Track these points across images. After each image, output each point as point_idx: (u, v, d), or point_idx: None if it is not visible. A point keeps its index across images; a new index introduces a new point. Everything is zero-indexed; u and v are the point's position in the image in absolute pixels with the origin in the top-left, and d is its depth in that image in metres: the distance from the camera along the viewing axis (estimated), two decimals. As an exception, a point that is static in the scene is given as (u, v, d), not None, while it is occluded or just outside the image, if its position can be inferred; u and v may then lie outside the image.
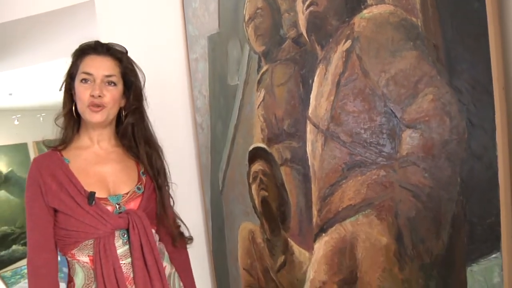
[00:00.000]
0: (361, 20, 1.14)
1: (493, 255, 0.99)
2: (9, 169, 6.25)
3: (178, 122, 1.75)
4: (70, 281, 1.26)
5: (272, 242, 1.47)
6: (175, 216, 1.41)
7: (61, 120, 1.30)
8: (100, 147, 1.32)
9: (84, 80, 1.24)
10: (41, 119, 5.16)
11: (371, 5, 1.12)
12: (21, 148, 6.08)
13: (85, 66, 1.25)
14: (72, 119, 1.29)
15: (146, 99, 1.38)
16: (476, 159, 0.99)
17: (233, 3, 1.49)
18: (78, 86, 1.24)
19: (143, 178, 1.34)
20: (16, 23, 1.76)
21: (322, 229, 1.30)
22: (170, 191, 1.41)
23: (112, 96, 1.27)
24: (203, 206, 1.74)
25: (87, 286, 1.23)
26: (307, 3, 1.26)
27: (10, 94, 4.24)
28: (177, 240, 1.40)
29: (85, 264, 1.22)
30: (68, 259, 1.25)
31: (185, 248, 1.46)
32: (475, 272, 1.02)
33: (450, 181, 1.03)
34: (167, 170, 1.40)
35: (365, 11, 1.13)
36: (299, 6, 1.28)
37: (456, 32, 0.99)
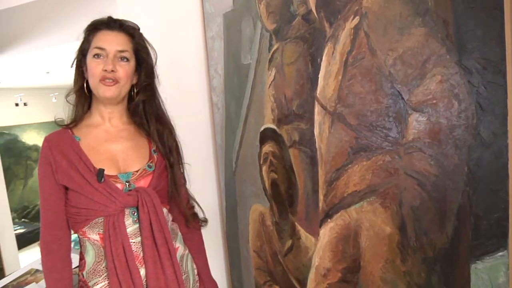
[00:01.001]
0: (370, -6, 1.06)
1: (499, 253, 0.91)
2: None
3: (195, 101, 1.73)
4: (81, 259, 1.28)
5: (280, 225, 1.44)
6: (188, 196, 1.40)
7: (72, 98, 1.31)
8: (111, 125, 1.31)
9: (97, 55, 1.23)
10: None
11: (380, -22, 1.04)
12: (56, 126, 6.38)
13: (97, 41, 1.23)
14: (83, 96, 1.28)
15: (157, 77, 1.36)
16: (485, 147, 0.91)
17: (247, -22, 1.44)
18: (91, 61, 1.22)
19: (155, 156, 1.33)
20: (47, 1, 1.80)
21: (328, 215, 1.25)
22: (184, 171, 1.40)
23: (125, 72, 1.25)
24: (218, 186, 1.73)
25: (98, 263, 1.24)
26: (316, -23, 1.19)
27: (48, 72, 4.37)
28: (190, 221, 1.38)
29: (95, 242, 1.23)
30: (80, 237, 1.26)
31: (199, 230, 1.44)
32: (479, 270, 0.94)
33: (456, 170, 0.95)
34: (180, 149, 1.39)
35: (374, -15, 1.05)
36: (309, -20, 1.21)
37: (468, 5, 0.90)
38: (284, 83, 1.33)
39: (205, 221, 1.44)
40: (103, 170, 1.20)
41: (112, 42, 1.24)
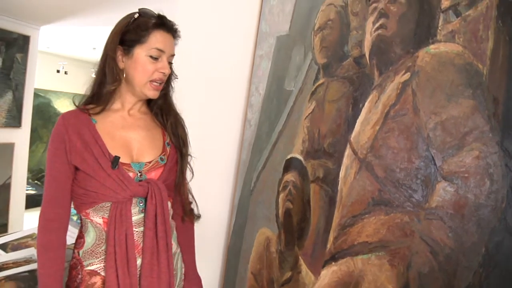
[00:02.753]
0: (426, 54, 1.06)
1: None
2: None
3: (229, 112, 1.75)
4: (80, 237, 1.30)
5: (284, 254, 1.43)
6: (188, 191, 1.42)
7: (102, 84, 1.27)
8: (129, 113, 1.32)
9: (155, 58, 1.26)
10: None
11: (440, 41, 1.04)
12: None
13: (158, 42, 1.25)
14: (116, 86, 1.29)
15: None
16: (509, 234, 0.89)
17: (307, 9, 1.46)
18: (146, 60, 1.24)
19: (168, 149, 1.35)
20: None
21: (333, 258, 1.24)
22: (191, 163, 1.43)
23: (168, 74, 1.30)
24: (232, 200, 1.74)
25: (97, 245, 1.26)
26: (377, 24, 1.19)
27: (94, 48, 4.46)
28: (187, 215, 1.41)
29: (98, 225, 1.25)
30: (82, 217, 1.28)
31: (193, 224, 1.47)
32: None
33: (473, 248, 0.93)
34: (188, 141, 1.41)
35: (432, 46, 1.05)
36: (369, 26, 1.22)
37: (522, 89, 0.89)
38: (322, 118, 1.34)
39: (199, 216, 1.45)
40: (119, 158, 1.22)
41: (169, 45, 1.28)
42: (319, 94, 1.37)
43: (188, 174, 1.39)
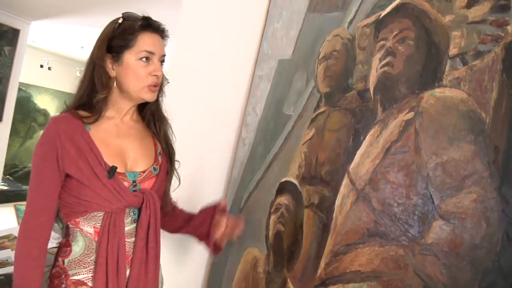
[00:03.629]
0: (431, 96, 1.12)
1: None
2: (56, 113, 6.58)
3: (223, 130, 1.77)
4: (67, 246, 1.27)
5: (272, 276, 1.45)
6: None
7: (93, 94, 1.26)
8: (122, 121, 1.32)
9: (146, 59, 1.24)
10: None
11: (445, 85, 1.09)
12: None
13: (147, 44, 1.24)
14: (108, 95, 1.28)
15: None
16: (501, 276, 0.94)
17: (313, 36, 1.50)
18: (137, 64, 1.23)
19: (159, 158, 1.35)
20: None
21: (324, 283, 1.27)
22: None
23: (162, 76, 1.30)
24: (220, 217, 1.75)
25: (86, 255, 1.25)
26: (383, 61, 1.24)
27: (82, 47, 4.42)
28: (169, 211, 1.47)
29: (88, 234, 1.24)
30: (70, 226, 1.26)
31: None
32: None
33: (466, 286, 0.98)
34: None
35: (437, 90, 1.11)
36: (375, 61, 1.27)
37: (522, 140, 0.95)
38: (320, 146, 1.37)
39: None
40: (116, 167, 1.22)
41: (159, 46, 1.28)
42: (319, 122, 1.40)
43: (174, 181, 1.41)
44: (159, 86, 1.30)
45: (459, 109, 1.06)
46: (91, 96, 1.26)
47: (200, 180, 1.63)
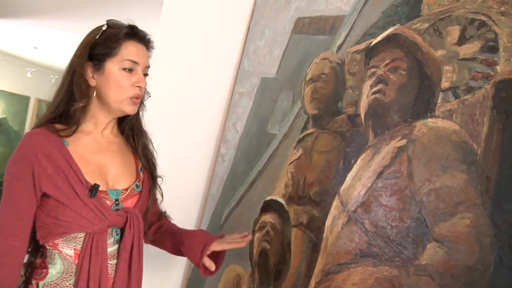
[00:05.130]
0: (423, 126, 1.19)
1: None
2: (3, 116, 6.09)
3: (201, 146, 1.75)
4: (42, 267, 1.20)
5: (257, 294, 1.47)
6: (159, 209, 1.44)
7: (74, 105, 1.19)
8: (102, 135, 1.26)
9: (129, 69, 1.20)
10: (53, 80, 5.04)
11: (438, 116, 1.17)
12: (22, 100, 5.94)
13: (130, 53, 1.19)
14: (86, 106, 1.21)
15: None
16: (494, 296, 1.03)
17: (299, 57, 1.53)
18: (119, 73, 1.18)
19: (141, 174, 1.31)
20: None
21: (315, 302, 1.31)
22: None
23: (145, 88, 1.26)
24: (196, 233, 1.73)
25: (64, 279, 1.18)
26: (375, 89, 1.30)
27: (35, 47, 4.16)
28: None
29: (68, 257, 1.17)
30: (48, 247, 1.19)
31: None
32: None
33: (461, 307, 1.06)
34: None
35: (430, 120, 1.18)
36: (366, 88, 1.32)
37: (512, 173, 1.04)
38: (309, 167, 1.41)
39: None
40: (98, 186, 1.17)
41: (144, 57, 1.24)
42: (307, 143, 1.44)
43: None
44: (140, 99, 1.26)
45: (452, 139, 1.14)
46: (68, 106, 1.19)
47: (175, 195, 1.60)
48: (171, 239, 1.40)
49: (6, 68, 5.99)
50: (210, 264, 1.32)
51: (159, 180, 1.37)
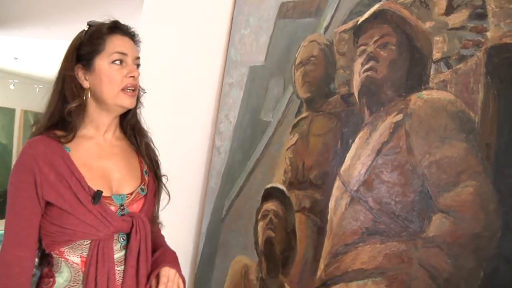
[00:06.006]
0: (418, 99, 1.19)
1: None
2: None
3: (196, 139, 1.74)
4: (49, 276, 1.19)
5: (266, 282, 1.47)
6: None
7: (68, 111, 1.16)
8: (105, 139, 1.23)
9: (119, 61, 1.17)
10: (37, 90, 4.94)
11: (432, 88, 1.17)
12: (8, 112, 5.82)
13: (117, 45, 1.17)
14: (82, 108, 1.18)
15: None
16: (504, 261, 1.04)
17: (286, 42, 1.52)
18: (109, 67, 1.16)
19: (146, 178, 1.29)
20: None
21: (325, 284, 1.31)
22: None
23: (139, 79, 1.23)
24: (198, 229, 1.72)
25: (71, 287, 1.17)
26: (366, 66, 1.30)
27: (16, 58, 4.08)
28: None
29: (75, 264, 1.15)
30: (54, 256, 1.17)
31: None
32: None
33: (472, 273, 1.07)
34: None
35: (424, 92, 1.18)
36: (357, 67, 1.32)
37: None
38: (306, 151, 1.40)
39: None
40: (101, 192, 1.14)
41: (131, 47, 1.22)
42: (302, 127, 1.43)
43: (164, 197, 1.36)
44: (137, 91, 1.24)
45: (448, 110, 1.14)
46: (63, 112, 1.17)
47: (174, 193, 1.58)
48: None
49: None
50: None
51: (164, 180, 1.36)
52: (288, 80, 1.49)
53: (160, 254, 1.29)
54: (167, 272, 1.23)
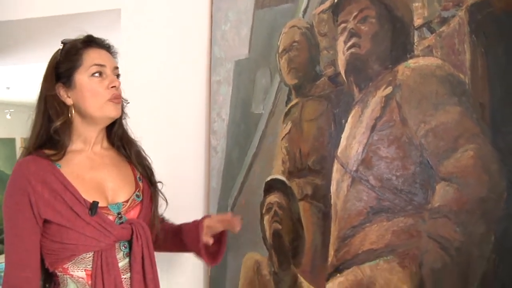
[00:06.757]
0: (405, 68, 1.16)
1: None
2: None
3: (191, 143, 1.72)
4: None
5: (279, 275, 1.44)
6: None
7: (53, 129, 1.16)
8: (93, 151, 1.23)
9: (99, 73, 1.17)
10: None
11: (418, 56, 1.14)
12: (8, 142, 5.86)
13: (93, 58, 1.17)
14: (68, 125, 1.18)
15: None
16: (513, 221, 1.01)
17: (267, 31, 1.49)
18: (90, 81, 1.16)
19: (140, 184, 1.29)
20: (33, 21, 1.71)
21: (338, 269, 1.29)
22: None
23: (119, 86, 1.23)
24: (206, 230, 1.70)
25: None
26: (349, 44, 1.27)
27: (8, 88, 4.12)
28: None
29: (81, 279, 1.14)
30: (58, 273, 1.16)
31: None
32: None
33: (483, 239, 1.04)
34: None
35: (410, 61, 1.15)
36: (340, 45, 1.29)
37: (506, 93, 1.01)
38: (301, 138, 1.38)
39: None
40: (98, 203, 1.14)
41: (108, 59, 1.22)
42: (294, 115, 1.41)
43: (161, 203, 1.34)
44: (120, 99, 1.23)
45: (437, 75, 1.11)
46: (50, 131, 1.17)
47: (176, 198, 1.56)
48: (173, 236, 1.38)
49: (-17, 114, 5.90)
50: (208, 239, 1.30)
51: (159, 185, 1.35)
52: (274, 69, 1.47)
53: (183, 225, 1.38)
54: (210, 219, 1.34)
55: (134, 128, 1.35)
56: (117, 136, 1.29)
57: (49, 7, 1.77)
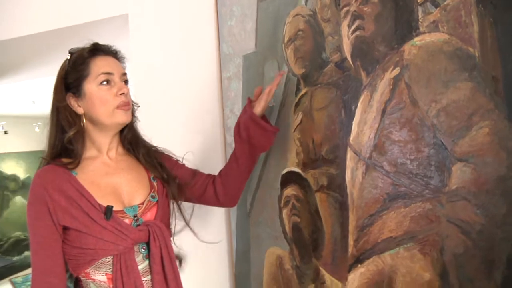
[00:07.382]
0: (412, 47, 1.11)
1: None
2: (27, 175, 6.30)
3: (208, 141, 1.72)
4: None
5: (301, 269, 1.42)
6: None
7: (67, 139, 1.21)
8: (109, 157, 1.27)
9: (107, 81, 1.19)
10: None
11: (424, 32, 1.09)
12: (39, 155, 6.09)
13: (101, 67, 1.20)
14: (81, 134, 1.22)
15: None
16: (535, 199, 0.95)
17: (272, 23, 1.46)
18: (99, 89, 1.19)
19: (155, 184, 1.30)
20: (47, 34, 1.76)
21: (358, 260, 1.25)
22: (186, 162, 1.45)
23: (128, 93, 1.25)
24: (228, 227, 1.70)
25: None
26: (353, 27, 1.23)
27: (33, 101, 4.28)
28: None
29: (102, 283, 1.17)
30: (82, 278, 1.19)
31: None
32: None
33: (506, 220, 0.98)
34: (168, 152, 1.41)
35: (416, 38, 1.10)
36: (344, 30, 1.25)
37: (518, 64, 0.95)
38: (313, 127, 1.35)
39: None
40: (112, 207, 1.16)
41: (116, 66, 1.24)
42: (304, 105, 1.38)
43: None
44: (130, 106, 1.25)
45: (445, 50, 1.05)
46: (64, 141, 1.21)
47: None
48: (230, 162, 1.44)
49: (14, 129, 6.15)
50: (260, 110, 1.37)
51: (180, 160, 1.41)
52: (281, 61, 1.44)
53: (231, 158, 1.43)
54: (254, 108, 1.36)
55: (150, 131, 1.37)
56: (127, 140, 1.32)
57: (62, 19, 1.82)
